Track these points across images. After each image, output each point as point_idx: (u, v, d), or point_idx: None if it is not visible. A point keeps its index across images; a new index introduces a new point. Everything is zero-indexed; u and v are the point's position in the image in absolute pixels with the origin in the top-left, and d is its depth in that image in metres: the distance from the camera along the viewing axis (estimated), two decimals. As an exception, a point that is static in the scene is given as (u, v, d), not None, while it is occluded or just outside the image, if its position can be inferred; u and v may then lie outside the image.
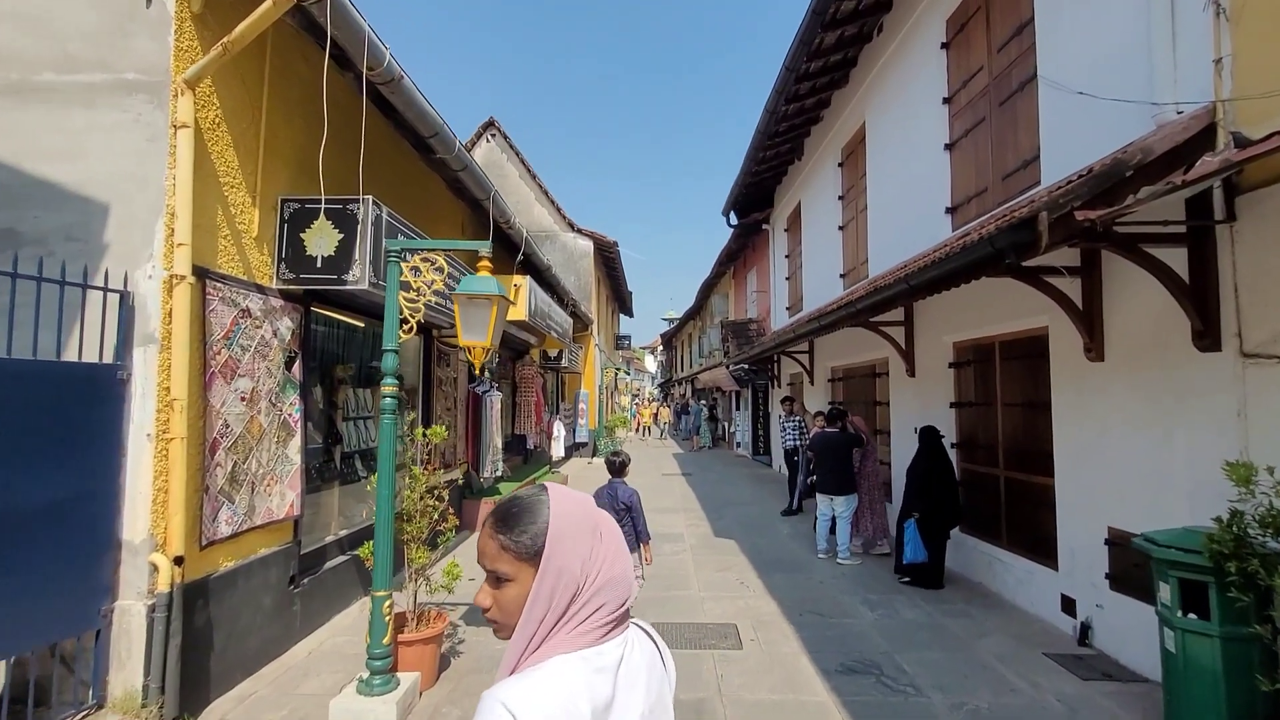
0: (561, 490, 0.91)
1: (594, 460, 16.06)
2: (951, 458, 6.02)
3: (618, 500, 4.25)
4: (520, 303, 7.61)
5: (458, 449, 7.31)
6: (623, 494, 4.29)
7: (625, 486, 4.36)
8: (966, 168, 5.95)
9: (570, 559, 0.83)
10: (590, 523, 0.87)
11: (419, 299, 3.38)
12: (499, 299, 3.24)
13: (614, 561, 0.86)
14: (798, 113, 9.78)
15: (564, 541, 0.83)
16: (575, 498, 0.90)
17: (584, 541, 0.85)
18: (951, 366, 6.09)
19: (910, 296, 4.67)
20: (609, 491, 4.32)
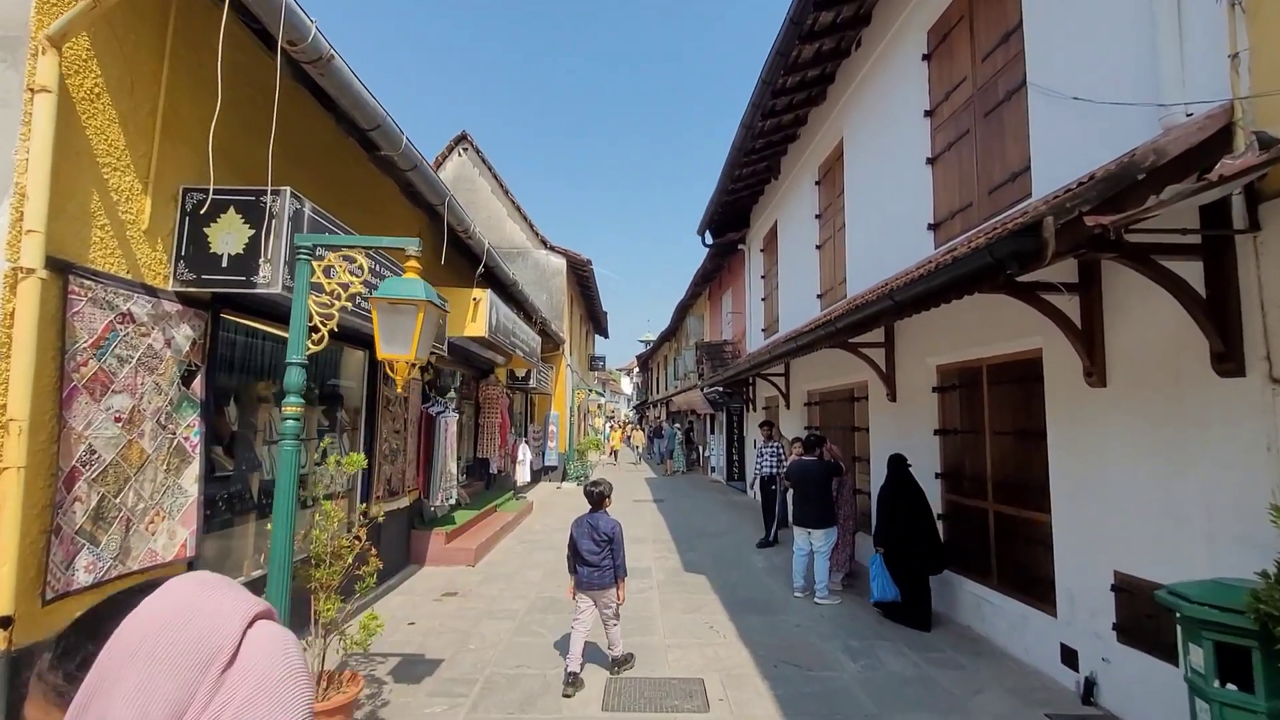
0: (184, 586, 0.45)
1: (563, 485, 15.43)
2: (936, 490, 5.65)
3: (598, 532, 4.05)
4: (480, 319, 7.11)
5: (406, 474, 6.71)
6: (604, 525, 4.08)
7: (606, 517, 4.15)
8: (949, 182, 5.68)
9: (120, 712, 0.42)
10: (206, 651, 0.45)
11: (333, 304, 2.88)
12: (427, 305, 2.75)
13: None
14: (774, 129, 9.55)
15: (115, 683, 0.44)
16: (189, 601, 0.48)
17: (167, 686, 0.43)
18: (936, 391, 5.74)
19: (895, 314, 4.29)
20: (589, 522, 4.11)
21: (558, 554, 7.62)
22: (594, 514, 4.16)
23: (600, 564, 4.05)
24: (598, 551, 4.05)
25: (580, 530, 4.12)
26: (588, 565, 4.06)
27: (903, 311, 4.20)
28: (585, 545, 4.07)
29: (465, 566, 6.93)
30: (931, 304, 3.88)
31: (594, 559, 4.05)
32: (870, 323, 4.75)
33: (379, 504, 6.02)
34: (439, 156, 16.61)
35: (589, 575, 4.06)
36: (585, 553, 4.06)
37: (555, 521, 10.16)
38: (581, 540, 4.09)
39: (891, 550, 5.38)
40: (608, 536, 4.05)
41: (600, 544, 4.05)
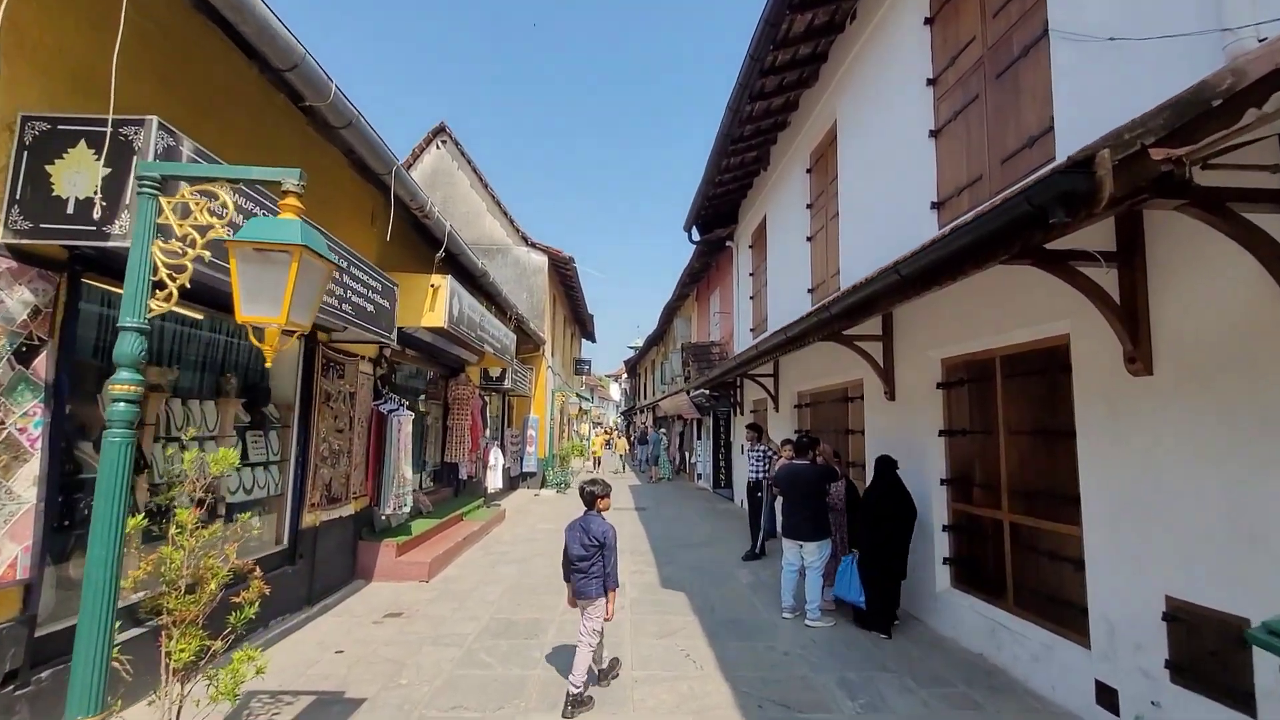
0: None
1: (541, 492, 14.71)
2: (941, 498, 5.04)
3: (590, 535, 3.69)
4: (439, 308, 6.45)
5: (352, 479, 6.01)
6: (596, 529, 3.71)
7: (600, 520, 3.78)
8: (955, 156, 5.10)
9: None
10: None
11: (186, 253, 2.21)
12: (303, 253, 2.10)
13: None
14: (764, 114, 8.99)
15: None
16: None
17: None
18: (941, 388, 5.14)
19: (900, 293, 3.69)
20: (581, 525, 3.76)
21: (522, 568, 6.93)
22: (586, 516, 3.80)
23: (589, 571, 3.66)
24: (586, 557, 3.67)
25: (572, 533, 3.76)
26: (577, 572, 3.69)
27: (908, 290, 3.59)
28: (575, 549, 3.70)
29: (417, 582, 6.22)
30: (944, 279, 3.27)
31: (582, 565, 3.67)
32: (870, 306, 4.14)
33: (315, 512, 5.34)
34: (416, 149, 15.95)
35: (579, 583, 3.69)
36: (574, 558, 3.69)
37: (526, 531, 9.45)
38: (573, 544, 3.72)
39: (869, 555, 5.01)
40: (597, 541, 3.66)
41: (589, 549, 3.66)
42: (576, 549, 3.69)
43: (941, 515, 5.05)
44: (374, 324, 5.16)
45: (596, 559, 3.67)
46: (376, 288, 5.19)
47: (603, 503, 3.88)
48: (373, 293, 5.11)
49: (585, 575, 3.67)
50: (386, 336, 5.46)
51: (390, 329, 5.53)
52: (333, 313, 4.35)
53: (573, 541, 3.73)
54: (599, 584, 3.66)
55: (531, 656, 4.32)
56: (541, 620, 5.11)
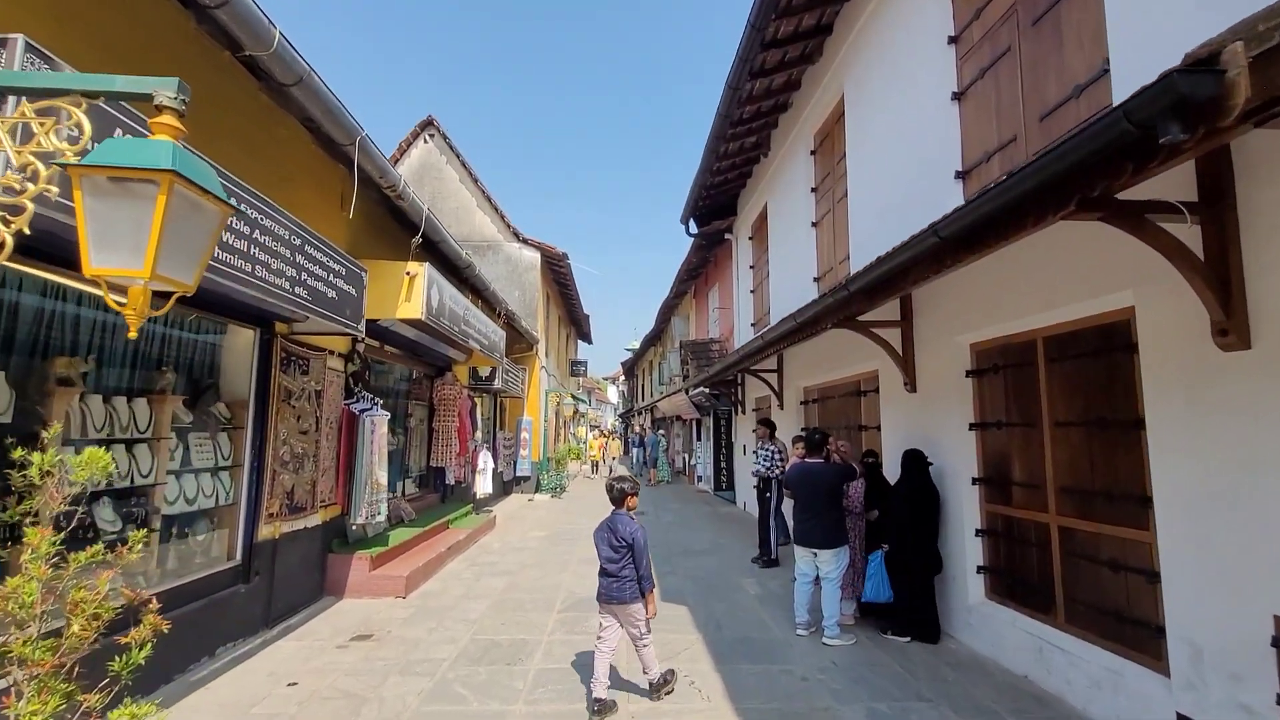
0: None
1: (535, 497, 14.14)
2: (973, 498, 4.51)
3: (617, 536, 3.55)
4: (415, 298, 5.91)
5: (319, 486, 5.45)
6: (624, 528, 3.56)
7: (627, 519, 3.63)
8: (983, 118, 4.59)
9: None
10: None
11: (25, 188, 1.66)
12: (174, 182, 1.55)
13: None
14: (764, 93, 8.48)
15: None
16: None
17: None
18: (971, 376, 4.62)
19: (935, 261, 3.16)
20: (608, 525, 3.62)
21: (510, 580, 6.38)
22: (614, 516, 3.64)
23: (619, 574, 3.52)
24: (616, 559, 3.53)
25: (599, 535, 3.63)
26: (606, 575, 3.57)
27: (946, 257, 3.07)
28: (603, 552, 3.58)
29: (393, 598, 5.66)
30: (992, 240, 2.75)
31: (612, 568, 3.54)
32: (897, 280, 3.62)
33: (274, 523, 4.79)
34: (403, 143, 15.41)
35: (607, 587, 3.56)
36: (604, 560, 3.57)
37: (517, 539, 8.90)
38: (600, 546, 3.60)
39: (899, 554, 4.64)
40: (626, 542, 3.52)
41: (619, 550, 3.52)
42: (605, 550, 3.55)
43: (973, 518, 4.52)
44: (338, 313, 4.62)
45: (627, 560, 3.52)
46: (340, 272, 4.65)
47: (632, 500, 3.72)
48: (335, 277, 4.57)
49: (616, 579, 3.52)
50: (353, 327, 4.92)
51: (357, 319, 4.99)
52: (283, 296, 3.81)
53: (600, 543, 3.59)
54: (631, 586, 3.50)
55: (513, 687, 3.78)
56: (528, 642, 4.56)
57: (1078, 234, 3.39)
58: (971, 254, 2.93)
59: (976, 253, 2.93)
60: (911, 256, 3.23)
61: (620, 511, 3.66)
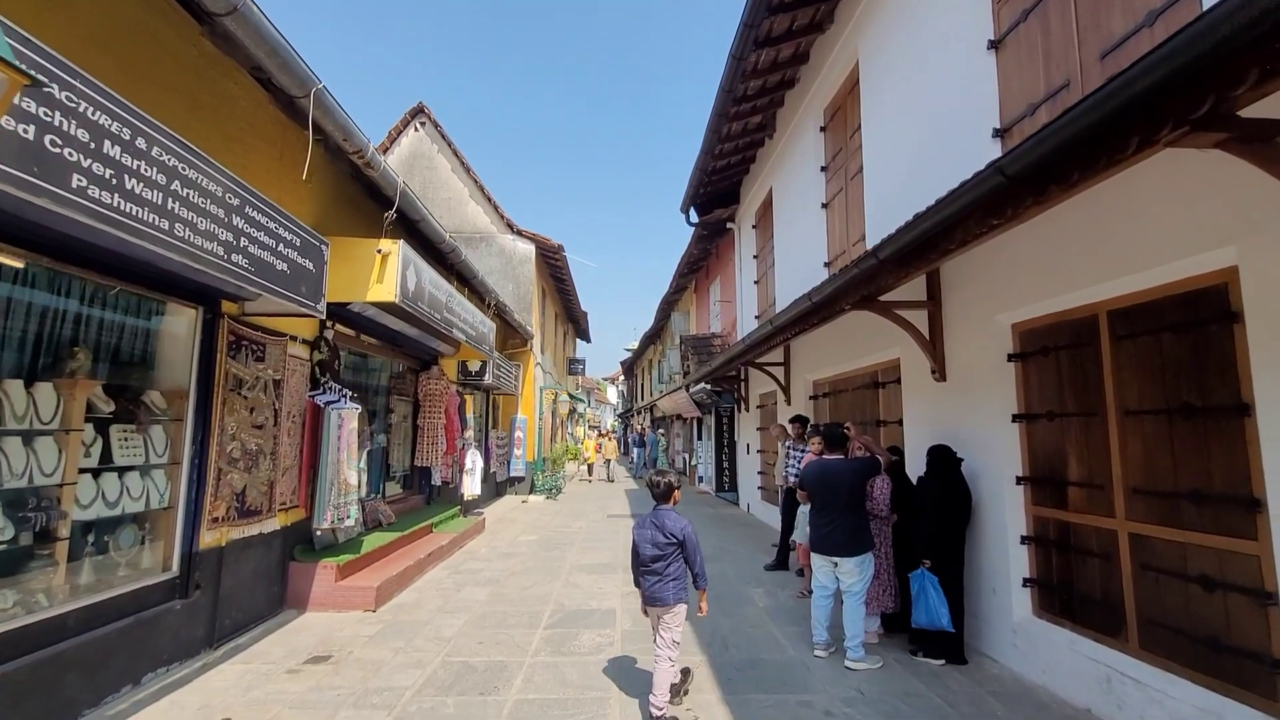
0: None
1: (529, 499, 13.56)
2: (1016, 500, 3.94)
3: (665, 533, 3.33)
4: (388, 279, 5.34)
5: (278, 487, 4.87)
6: (672, 524, 3.35)
7: (674, 515, 3.41)
8: (1026, 66, 4.02)
9: None
10: None
11: None
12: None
13: None
14: (770, 66, 7.91)
15: None
16: None
17: None
18: (1014, 360, 4.04)
19: (994, 210, 2.58)
20: (654, 521, 3.40)
21: (494, 591, 5.80)
22: (659, 511, 3.42)
23: (665, 573, 3.32)
24: (662, 557, 3.31)
25: (643, 531, 3.39)
26: (651, 575, 3.34)
27: (1008, 206, 2.50)
28: (647, 550, 3.33)
29: (361, 612, 5.09)
30: (1078, 175, 2.19)
31: (659, 566, 3.32)
32: (940, 242, 3.04)
33: (220, 529, 4.22)
34: (392, 131, 14.87)
35: (651, 587, 3.34)
36: (648, 559, 3.33)
37: (505, 544, 8.31)
38: (643, 544, 3.35)
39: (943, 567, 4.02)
40: (676, 539, 3.31)
41: (666, 548, 3.31)
42: (649, 549, 3.32)
43: (1017, 523, 3.95)
44: (290, 289, 4.04)
45: (674, 559, 3.32)
46: (293, 242, 4.08)
47: (676, 495, 3.47)
48: (287, 248, 4.00)
49: (661, 578, 3.30)
50: (310, 307, 4.34)
51: (315, 298, 4.41)
52: (214, 263, 3.24)
53: (643, 541, 3.35)
54: (677, 587, 3.31)
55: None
56: (507, 666, 3.98)
57: (1157, 179, 2.83)
58: (1044, 198, 2.36)
59: (1049, 197, 2.36)
60: (962, 207, 2.66)
61: (665, 507, 3.42)
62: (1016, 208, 2.48)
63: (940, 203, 2.81)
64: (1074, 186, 2.26)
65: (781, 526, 6.83)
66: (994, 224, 2.69)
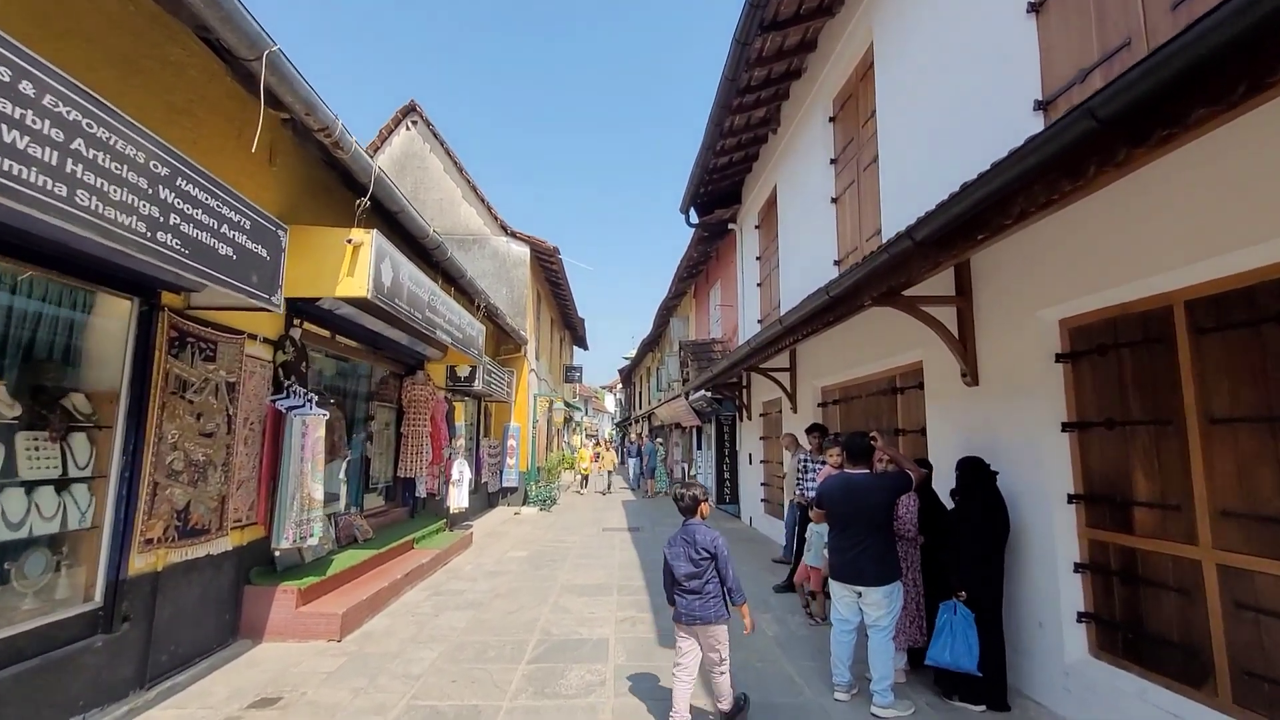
0: None
1: (522, 510, 13.00)
2: (1067, 521, 3.43)
3: (697, 548, 3.22)
4: (360, 272, 4.83)
5: (230, 502, 4.35)
6: (703, 538, 3.26)
7: (704, 529, 3.32)
8: (1074, 28, 3.55)
9: None
10: None
11: None
12: None
13: None
14: (776, 54, 7.48)
15: None
16: None
17: None
18: (1063, 360, 3.55)
19: (1073, 170, 2.10)
20: (684, 538, 3.30)
21: (476, 616, 5.26)
22: (688, 526, 3.34)
23: (703, 590, 3.20)
24: (697, 574, 3.21)
25: (674, 549, 3.31)
26: (686, 593, 3.23)
27: (1089, 162, 2.01)
28: (682, 567, 3.23)
29: (325, 642, 4.55)
30: (1217, 103, 1.70)
31: (694, 584, 3.21)
32: (991, 217, 2.56)
33: (156, 551, 3.70)
34: (383, 130, 14.43)
35: (688, 606, 3.22)
36: (682, 577, 3.23)
37: (493, 561, 7.77)
38: (677, 562, 3.26)
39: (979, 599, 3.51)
40: (708, 553, 3.23)
41: (700, 563, 3.21)
42: (684, 566, 3.21)
43: (1069, 548, 3.43)
44: (237, 278, 3.54)
45: (710, 574, 3.21)
46: (241, 224, 3.58)
47: (705, 508, 3.38)
48: (233, 230, 3.50)
49: (700, 596, 3.17)
50: (263, 299, 3.83)
51: (270, 290, 3.91)
52: (133, 240, 2.74)
53: (677, 558, 3.25)
54: (716, 604, 3.19)
55: (447, 793, 2.67)
56: (481, 711, 3.45)
57: (1257, 132, 2.35)
58: (1143, 146, 1.87)
59: (1149, 146, 1.87)
60: (1031, 168, 2.18)
61: (694, 521, 3.33)
62: (1103, 163, 1.99)
63: (998, 166, 2.32)
64: (1188, 130, 1.77)
65: (789, 543, 6.29)
66: (1066, 190, 2.20)
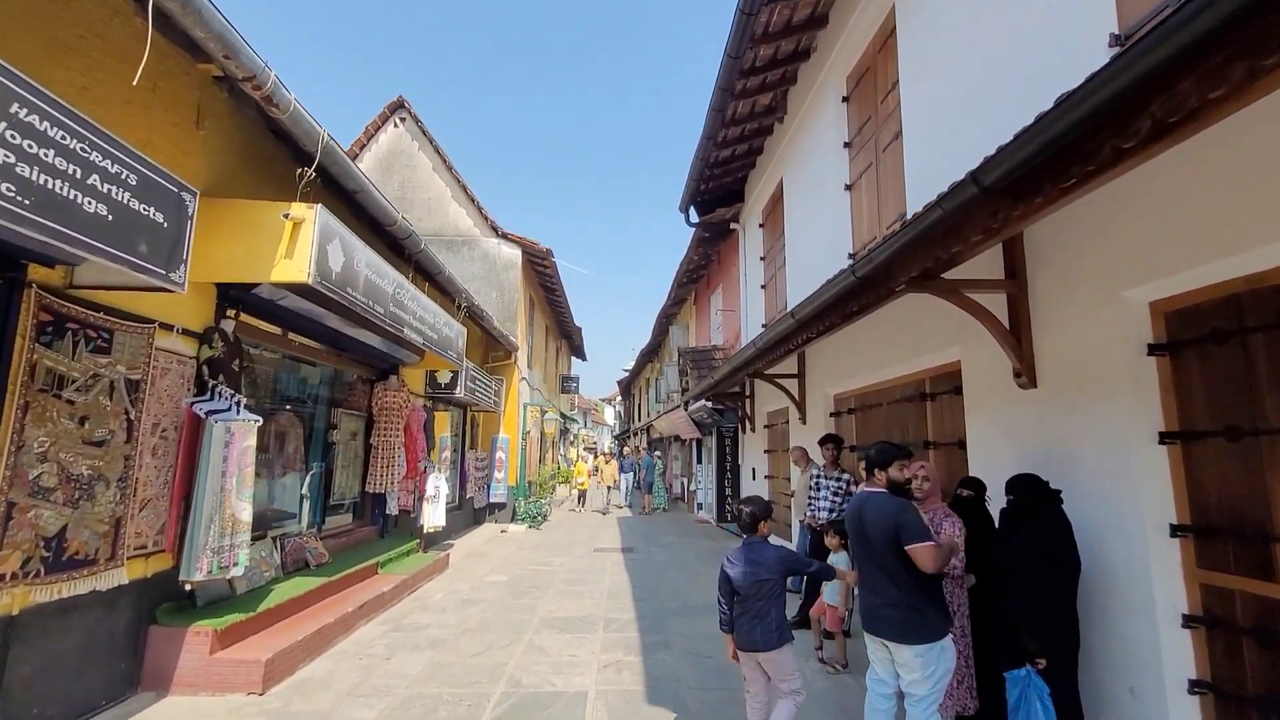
0: None
1: (509, 528, 12.18)
2: (1171, 558, 2.67)
3: (764, 567, 2.88)
4: (300, 254, 4.13)
5: (128, 525, 3.59)
6: (770, 557, 2.92)
7: (770, 546, 2.99)
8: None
9: None
10: None
11: None
12: None
13: None
14: (783, 28, 6.83)
15: None
16: None
17: None
18: (1158, 352, 2.80)
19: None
20: (748, 557, 2.93)
21: (435, 657, 4.46)
22: (750, 543, 3.00)
23: (765, 614, 2.84)
24: (762, 595, 2.84)
25: (737, 569, 2.92)
26: (746, 617, 2.86)
27: None
28: (748, 589, 2.86)
29: (245, 695, 3.77)
30: None
31: (760, 605, 2.85)
32: (1108, 133, 1.82)
33: (11, 588, 2.94)
34: (370, 126, 13.83)
35: (749, 632, 2.85)
36: (740, 603, 2.89)
37: (468, 587, 6.97)
38: (743, 583, 2.87)
39: (1056, 663, 2.77)
40: (777, 570, 2.88)
41: (765, 583, 2.85)
42: (750, 588, 2.89)
43: (1173, 594, 2.66)
44: (114, 246, 2.81)
45: (775, 597, 2.90)
46: (122, 178, 2.86)
47: (765, 526, 3.07)
48: (107, 183, 2.78)
49: (760, 620, 2.88)
50: (158, 276, 3.10)
51: (169, 265, 3.18)
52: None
53: (743, 579, 2.92)
54: (782, 630, 2.88)
55: None
56: (411, 803, 2.66)
57: None
58: None
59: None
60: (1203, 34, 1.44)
61: (755, 539, 3.04)
62: None
63: (1126, 56, 1.59)
64: None
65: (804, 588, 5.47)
66: (1237, 78, 1.47)
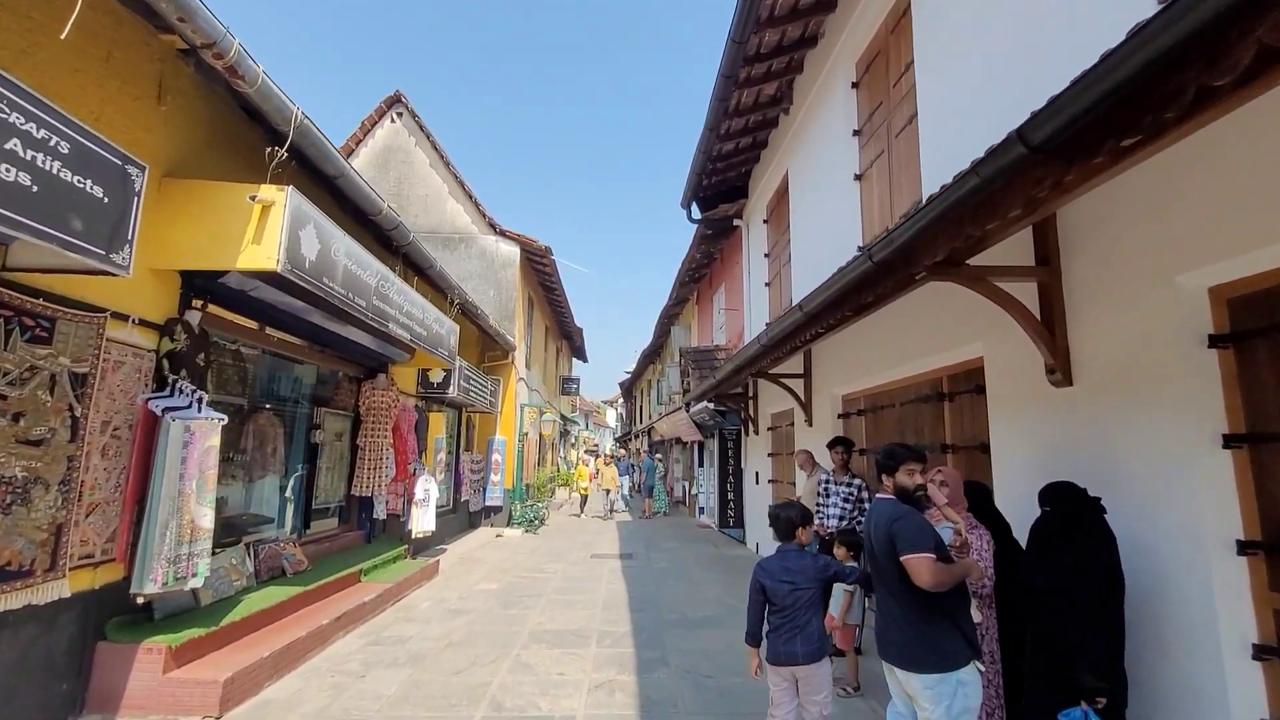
0: None
1: (505, 532, 11.85)
2: (1239, 584, 2.32)
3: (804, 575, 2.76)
4: (268, 239, 3.84)
5: (68, 533, 3.28)
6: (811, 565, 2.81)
7: (808, 555, 2.86)
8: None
9: None
10: None
11: None
12: None
13: None
14: (790, 12, 6.50)
15: None
16: None
17: None
18: (1219, 344, 2.46)
19: None
20: (783, 565, 2.82)
21: (413, 675, 4.13)
22: (786, 551, 2.88)
23: (806, 625, 2.70)
24: (800, 605, 2.70)
25: (771, 579, 2.80)
26: (781, 630, 2.72)
27: None
28: (783, 599, 2.73)
29: (201, 718, 3.44)
30: None
31: (798, 617, 2.70)
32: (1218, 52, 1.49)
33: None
34: (367, 121, 13.55)
35: (788, 644, 2.69)
36: (775, 614, 2.75)
37: (457, 596, 6.64)
38: (779, 593, 2.74)
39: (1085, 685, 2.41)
40: (814, 580, 2.77)
41: (802, 590, 2.73)
42: (784, 597, 2.71)
43: (1240, 621, 2.32)
44: (41, 222, 2.51)
45: (812, 608, 2.71)
46: (50, 145, 2.55)
47: (804, 534, 2.92)
48: (30, 149, 2.46)
49: (801, 631, 2.68)
50: (98, 257, 2.78)
51: (111, 247, 2.86)
52: None
53: (779, 588, 2.73)
54: (824, 642, 2.71)
55: None
56: None
57: None
58: None
59: None
60: None
61: (790, 546, 2.92)
62: None
63: None
64: None
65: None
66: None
